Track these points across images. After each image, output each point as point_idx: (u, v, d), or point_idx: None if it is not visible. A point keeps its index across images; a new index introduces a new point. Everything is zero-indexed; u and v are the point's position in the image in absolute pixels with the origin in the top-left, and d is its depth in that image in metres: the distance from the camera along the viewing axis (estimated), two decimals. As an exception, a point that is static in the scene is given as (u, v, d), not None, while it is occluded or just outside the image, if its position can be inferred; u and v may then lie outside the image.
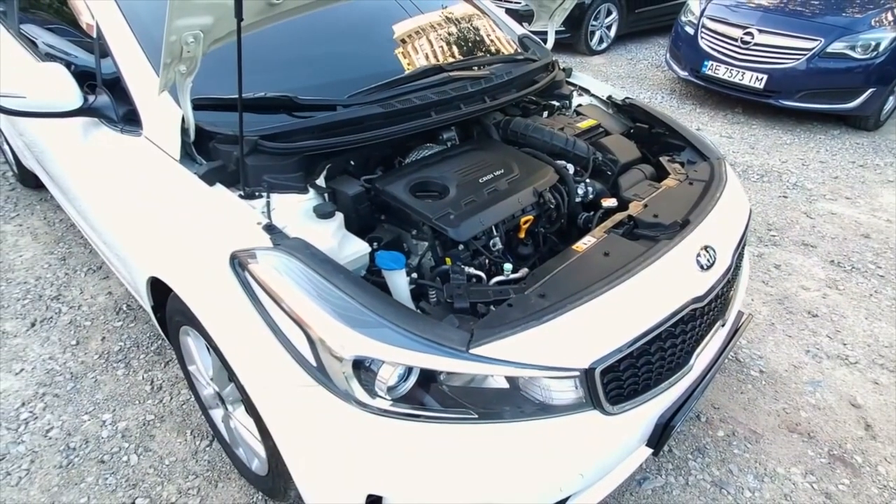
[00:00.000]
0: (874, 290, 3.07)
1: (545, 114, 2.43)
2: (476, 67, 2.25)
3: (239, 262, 1.32)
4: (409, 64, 2.08)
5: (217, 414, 1.92)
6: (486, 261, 1.62)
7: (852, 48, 4.78)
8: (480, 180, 1.72)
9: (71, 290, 2.92)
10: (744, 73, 5.08)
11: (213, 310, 1.41)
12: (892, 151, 4.84)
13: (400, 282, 1.44)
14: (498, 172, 1.78)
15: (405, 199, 1.61)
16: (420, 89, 1.93)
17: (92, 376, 2.39)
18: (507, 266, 1.54)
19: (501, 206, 1.64)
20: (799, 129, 5.17)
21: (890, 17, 5.00)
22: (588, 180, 1.96)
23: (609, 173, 2.05)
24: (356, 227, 1.65)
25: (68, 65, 1.94)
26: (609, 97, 2.57)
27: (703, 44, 5.41)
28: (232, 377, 1.47)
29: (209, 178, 1.52)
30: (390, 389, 1.19)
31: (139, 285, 1.89)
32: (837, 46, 4.79)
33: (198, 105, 1.61)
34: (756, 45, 5.02)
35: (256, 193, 1.54)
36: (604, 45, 7.57)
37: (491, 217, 1.60)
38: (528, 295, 1.36)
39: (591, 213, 1.92)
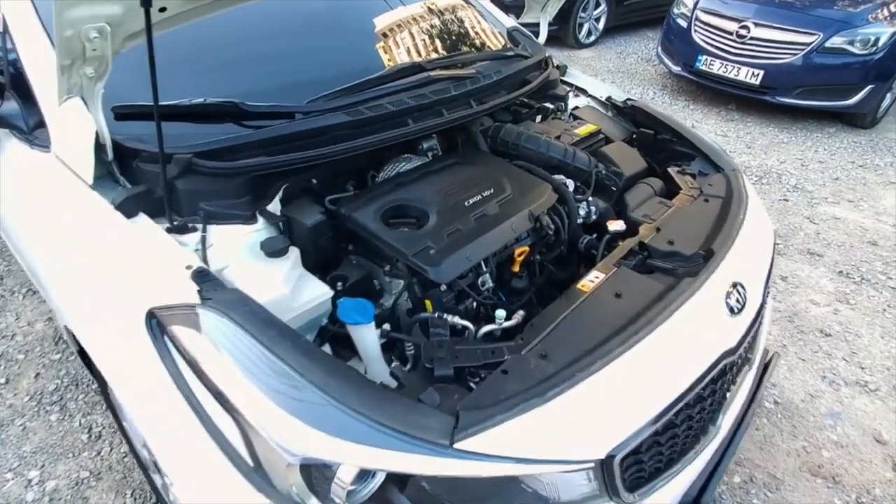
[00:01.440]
0: (887, 305, 2.87)
1: (538, 118, 2.16)
2: (460, 66, 1.96)
3: (157, 323, 1.03)
4: (381, 63, 1.78)
5: (157, 479, 1.62)
6: (475, 304, 1.34)
7: (851, 43, 4.58)
8: (466, 203, 1.44)
9: (6, 316, 2.58)
10: (739, 69, 4.86)
11: (127, 381, 1.11)
12: (891, 151, 4.67)
13: (368, 338, 1.16)
14: (487, 192, 1.50)
15: (375, 229, 1.32)
16: (395, 92, 1.64)
17: (20, 423, 2.06)
18: (500, 312, 1.27)
19: (492, 236, 1.36)
20: (795, 128, 4.97)
21: (886, 13, 4.81)
22: (591, 198, 1.69)
23: (613, 189, 1.79)
24: (317, 260, 1.36)
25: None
26: (609, 98, 2.31)
27: (696, 37, 5.17)
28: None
29: (128, 208, 1.22)
30: (350, 494, 0.91)
31: (60, 325, 1.58)
32: (836, 41, 4.59)
33: (122, 114, 1.31)
34: (752, 39, 4.79)
35: (189, 226, 1.24)
36: (592, 38, 7.30)
37: (480, 250, 1.33)
38: (528, 356, 1.09)
39: (594, 235, 1.65)
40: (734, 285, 1.34)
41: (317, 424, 0.88)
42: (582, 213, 1.66)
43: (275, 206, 1.38)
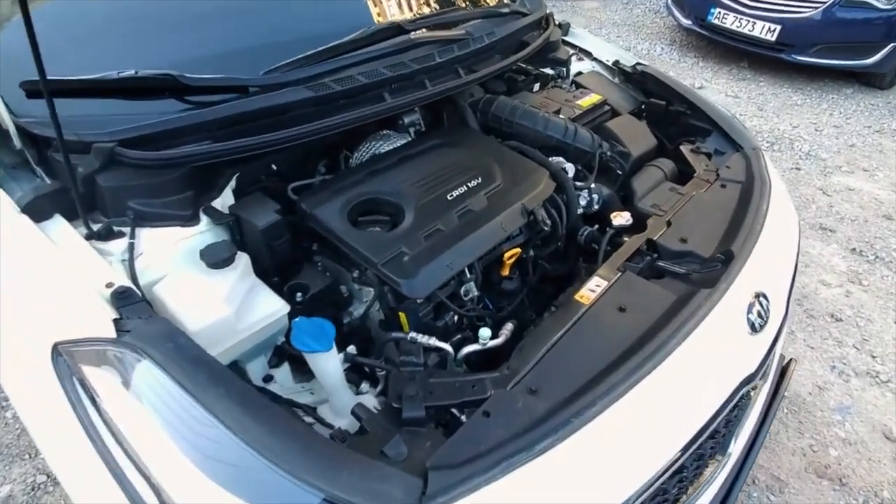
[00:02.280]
0: (901, 286, 2.71)
1: (536, 87, 1.91)
2: (448, 26, 1.70)
3: (65, 360, 0.84)
4: (353, 23, 1.52)
5: None
6: (456, 318, 1.16)
7: (876, -4, 4.23)
8: (449, 196, 1.24)
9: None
10: (754, 23, 4.51)
11: (36, 420, 0.94)
12: (911, 115, 4.41)
13: (327, 367, 0.99)
14: (474, 182, 1.29)
15: (339, 231, 1.13)
16: (368, 60, 1.39)
17: (-27, 420, 1.92)
18: (484, 332, 1.09)
19: (479, 237, 1.17)
20: (810, 88, 4.67)
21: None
22: (593, 185, 1.48)
23: (619, 172, 1.58)
24: (275, 265, 1.17)
25: None
26: (616, 63, 2.06)
27: (710, -13, 4.79)
28: None
29: (38, 210, 1.02)
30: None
31: None
32: (860, -6, 4.24)
33: (33, 91, 1.09)
34: (771, -10, 4.43)
35: (115, 230, 1.04)
36: (597, -13, 6.82)
37: (464, 255, 1.14)
38: (514, 393, 0.92)
39: (595, 227, 1.46)
40: (757, 296, 1.16)
41: (253, 497, 0.72)
42: (583, 202, 1.46)
43: (226, 200, 1.18)
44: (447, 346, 1.05)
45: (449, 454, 0.82)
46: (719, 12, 4.69)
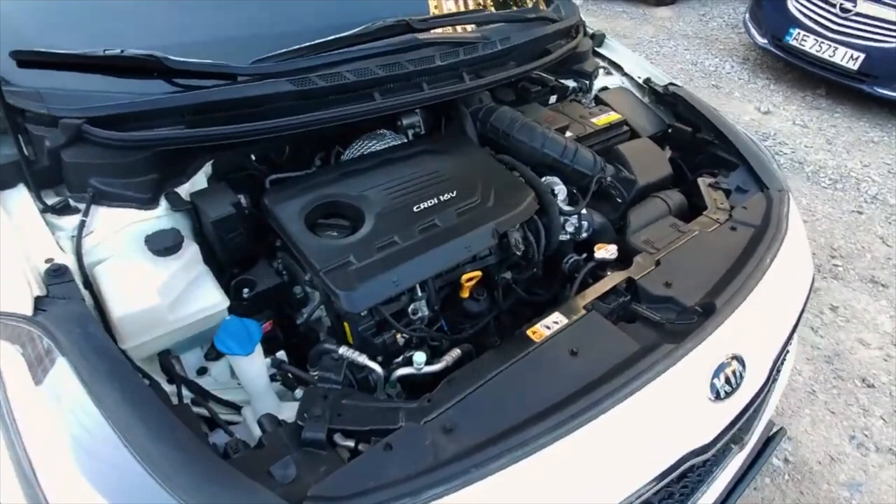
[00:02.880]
0: (954, 359, 2.42)
1: (552, 99, 1.82)
2: (465, 28, 1.64)
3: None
4: (357, 18, 1.48)
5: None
6: (398, 336, 1.12)
7: (982, 30, 3.79)
8: (416, 208, 1.19)
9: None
10: (836, 49, 4.14)
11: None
12: None
13: (249, 370, 0.97)
14: (447, 196, 1.23)
15: (292, 231, 1.10)
16: (362, 58, 1.36)
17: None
18: (419, 356, 1.03)
19: (436, 256, 1.11)
20: (890, 125, 4.26)
21: None
22: (585, 211, 1.39)
23: (619, 200, 1.47)
24: (228, 257, 1.17)
25: None
26: (647, 81, 1.92)
27: (791, 6, 4.43)
28: None
29: (1, 178, 1.04)
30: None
31: None
32: (963, 25, 3.81)
33: (24, 61, 1.11)
34: (857, 15, 4.05)
35: (72, 206, 1.06)
36: (673, -5, 6.50)
37: (414, 273, 1.09)
38: (426, 428, 0.87)
39: (584, 256, 1.37)
40: (732, 359, 1.04)
41: (119, 500, 0.71)
42: (570, 228, 1.37)
43: (186, 191, 1.17)
44: (376, 367, 1.01)
45: (335, 485, 0.78)
46: (799, 33, 4.34)
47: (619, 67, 2.00)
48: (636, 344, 1.05)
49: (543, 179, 1.44)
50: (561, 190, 1.40)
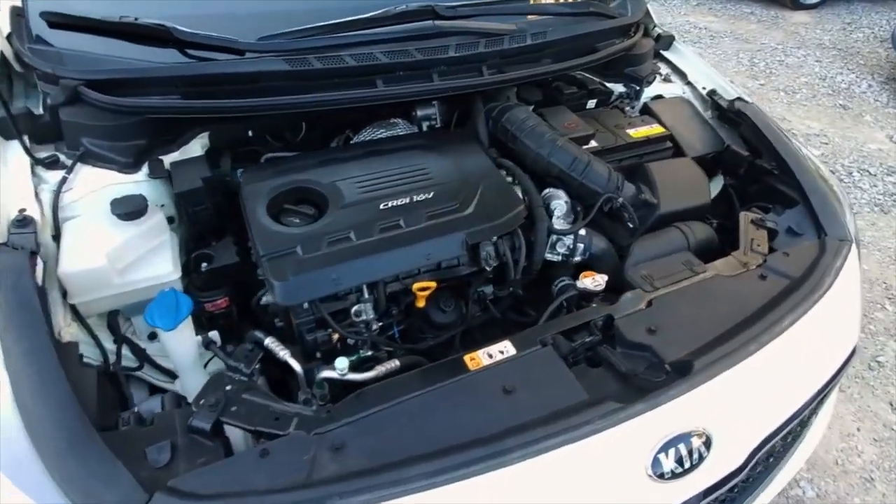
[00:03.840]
0: None
1: (591, 103, 1.65)
2: (496, 16, 1.53)
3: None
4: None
5: None
6: (333, 336, 1.07)
7: None
8: (383, 205, 1.13)
9: None
10: None
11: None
12: None
13: (175, 346, 0.98)
14: (422, 196, 1.16)
15: (251, 212, 1.09)
16: (371, 42, 1.31)
17: None
18: (341, 362, 0.98)
19: (388, 258, 1.05)
20: None
21: None
22: (583, 232, 1.24)
23: (631, 225, 1.30)
24: (196, 229, 1.18)
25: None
26: (712, 93, 1.69)
27: (958, 19, 3.71)
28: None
29: (4, 129, 1.13)
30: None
31: None
32: None
33: (54, 23, 1.20)
34: None
35: (60, 161, 1.13)
36: (816, -1, 5.75)
37: (360, 273, 1.03)
38: (313, 441, 0.82)
39: (570, 281, 1.23)
40: (695, 434, 0.88)
41: (4, 463, 0.74)
42: (561, 249, 1.23)
43: (171, 159, 1.20)
44: (295, 364, 0.97)
45: (196, 481, 0.76)
46: (961, 52, 3.63)
47: (682, 75, 1.77)
48: (584, 394, 0.92)
49: (545, 192, 1.31)
50: (559, 205, 1.26)
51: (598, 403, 0.88)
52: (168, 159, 1.20)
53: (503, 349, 0.99)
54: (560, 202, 1.27)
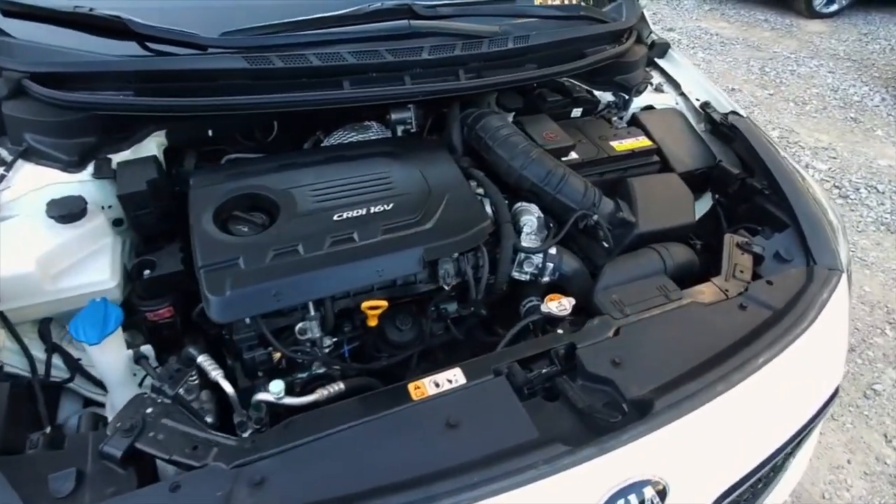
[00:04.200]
0: None
1: (577, 112, 1.58)
2: (484, 20, 1.45)
3: None
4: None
5: None
6: (278, 356, 1.00)
7: None
8: (337, 216, 1.06)
9: None
10: None
11: None
12: None
13: (100, 359, 0.92)
14: (380, 208, 1.09)
15: (194, 218, 1.03)
16: (339, 41, 1.24)
17: None
18: (276, 385, 0.91)
19: (335, 274, 0.98)
20: None
21: None
22: (554, 251, 1.17)
23: (605, 245, 1.23)
24: (140, 234, 1.13)
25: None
26: (705, 105, 1.61)
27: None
28: None
29: None
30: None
31: None
32: None
33: (9, 11, 1.14)
34: None
35: (2, 156, 1.07)
36: (834, 8, 5.62)
37: (303, 289, 0.97)
38: (229, 475, 0.76)
39: (538, 301, 1.16)
40: (647, 484, 0.81)
41: None
42: (529, 268, 1.16)
43: (123, 158, 1.14)
44: (227, 386, 0.90)
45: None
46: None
47: (676, 85, 1.69)
48: (535, 431, 0.85)
49: (517, 206, 1.24)
50: (529, 221, 1.19)
51: (545, 444, 0.81)
52: (119, 158, 1.15)
53: (452, 377, 0.92)
54: (531, 218, 1.20)
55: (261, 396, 0.92)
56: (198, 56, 1.15)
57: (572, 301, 1.09)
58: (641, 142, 1.46)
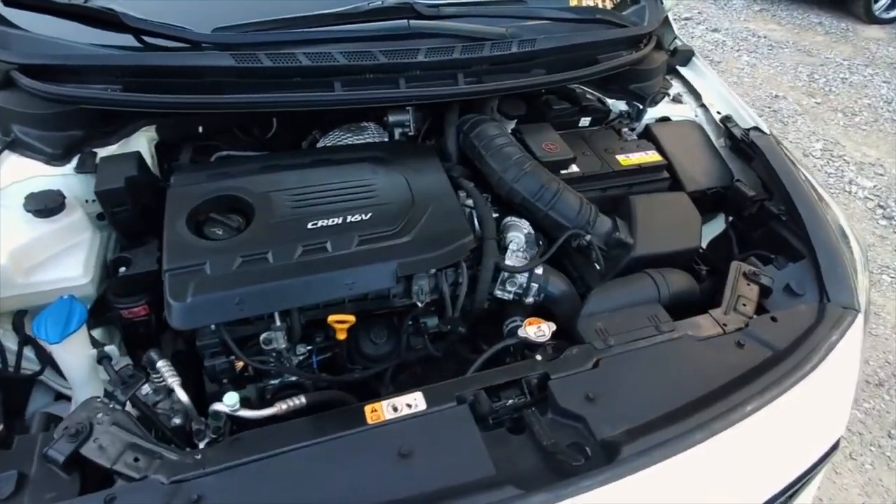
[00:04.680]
0: None
1: (585, 122, 1.50)
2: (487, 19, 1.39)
3: None
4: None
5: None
6: (240, 364, 0.98)
7: None
8: (312, 224, 1.03)
9: None
10: None
11: None
12: None
13: (62, 358, 0.91)
14: (357, 218, 1.05)
15: (168, 217, 1.01)
16: (329, 40, 1.21)
17: None
18: (230, 397, 0.89)
19: (303, 286, 0.95)
20: None
21: None
22: (540, 271, 1.11)
23: (598, 266, 1.16)
24: (119, 230, 1.12)
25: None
26: (726, 119, 1.50)
27: None
28: None
29: None
30: None
31: None
32: None
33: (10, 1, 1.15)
34: None
35: (-12, 147, 1.08)
36: (895, 13, 5.25)
37: (268, 299, 0.94)
38: (169, 490, 0.74)
39: (520, 323, 1.10)
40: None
41: None
42: (511, 288, 1.10)
43: (110, 151, 1.14)
44: (182, 395, 0.89)
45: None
46: None
47: (697, 96, 1.59)
48: (491, 468, 0.80)
49: (506, 221, 1.19)
50: (516, 238, 1.13)
51: (496, 486, 0.76)
52: (105, 152, 1.14)
53: (412, 402, 0.88)
54: (518, 234, 1.14)
55: (216, 407, 0.90)
56: (185, 53, 1.13)
57: (552, 326, 1.03)
58: (650, 157, 1.38)
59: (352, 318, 1.01)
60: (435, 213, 1.09)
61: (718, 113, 1.53)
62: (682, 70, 1.65)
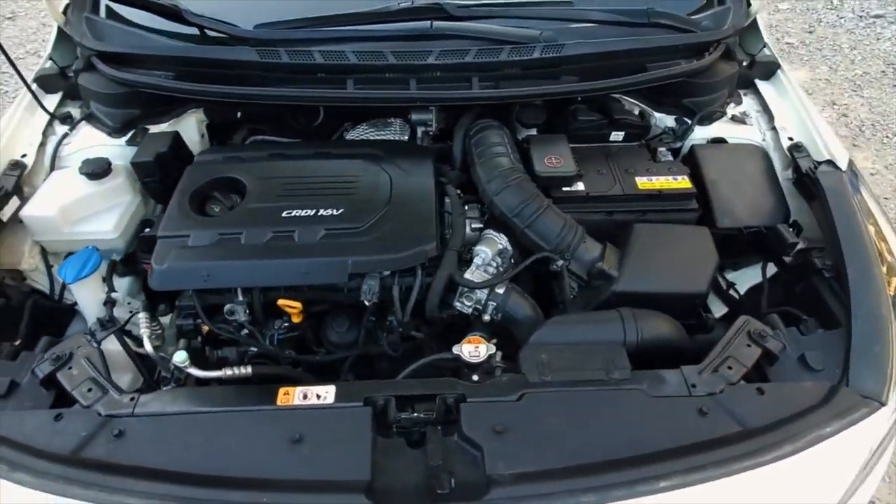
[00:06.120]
0: None
1: (618, 136, 1.37)
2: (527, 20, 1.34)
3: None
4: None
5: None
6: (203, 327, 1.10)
7: None
8: (286, 213, 1.10)
9: None
10: None
11: None
12: None
13: (81, 298, 1.11)
14: (329, 211, 1.09)
15: (178, 189, 1.16)
16: (344, 39, 1.27)
17: None
18: (179, 355, 1.00)
19: (263, 268, 1.04)
20: None
21: None
22: (502, 290, 1.07)
23: (566, 294, 1.08)
24: (154, 197, 1.31)
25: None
26: (795, 147, 1.27)
27: None
28: None
29: (45, 84, 1.37)
30: None
31: None
32: None
33: None
34: None
35: (72, 116, 1.33)
36: None
37: (231, 275, 1.04)
38: (99, 419, 0.87)
39: (493, 340, 1.08)
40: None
41: None
42: (469, 302, 1.08)
43: (162, 128, 1.33)
44: (148, 346, 1.03)
45: (-6, 420, 0.88)
46: None
47: (770, 117, 1.36)
48: (367, 474, 0.81)
49: (484, 233, 1.15)
50: (482, 253, 1.10)
51: (349, 492, 0.78)
52: (156, 130, 1.34)
53: (323, 394, 0.93)
54: (485, 250, 1.10)
55: (177, 360, 1.03)
56: (215, 47, 1.28)
57: (492, 349, 0.99)
58: (678, 182, 1.22)
59: (298, 305, 1.08)
60: (405, 217, 1.10)
61: (790, 139, 1.29)
62: (760, 84, 1.42)
